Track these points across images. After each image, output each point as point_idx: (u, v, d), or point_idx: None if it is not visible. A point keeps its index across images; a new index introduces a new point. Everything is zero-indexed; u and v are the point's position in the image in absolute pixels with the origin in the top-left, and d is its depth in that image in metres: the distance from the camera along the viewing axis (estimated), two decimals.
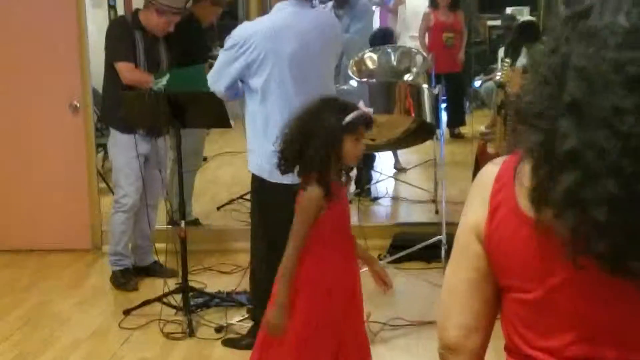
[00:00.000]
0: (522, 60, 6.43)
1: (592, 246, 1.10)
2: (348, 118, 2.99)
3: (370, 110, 3.14)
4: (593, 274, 1.13)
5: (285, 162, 3.10)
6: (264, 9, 11.42)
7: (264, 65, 3.79)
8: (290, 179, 3.60)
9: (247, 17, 11.82)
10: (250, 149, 3.99)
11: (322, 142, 2.96)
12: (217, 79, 3.93)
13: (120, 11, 8.57)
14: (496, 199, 1.27)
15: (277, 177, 3.67)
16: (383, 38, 6.74)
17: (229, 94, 3.99)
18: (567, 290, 1.20)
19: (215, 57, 5.91)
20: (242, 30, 3.88)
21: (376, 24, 14.15)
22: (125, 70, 4.86)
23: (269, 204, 3.91)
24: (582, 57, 1.10)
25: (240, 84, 3.93)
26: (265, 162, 3.77)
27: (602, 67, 1.08)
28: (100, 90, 5.41)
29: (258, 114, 3.88)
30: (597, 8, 1.12)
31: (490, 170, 1.31)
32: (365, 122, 3.09)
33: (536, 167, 1.16)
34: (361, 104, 3.13)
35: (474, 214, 1.31)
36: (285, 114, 3.61)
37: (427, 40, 8.43)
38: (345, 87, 5.17)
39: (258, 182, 3.96)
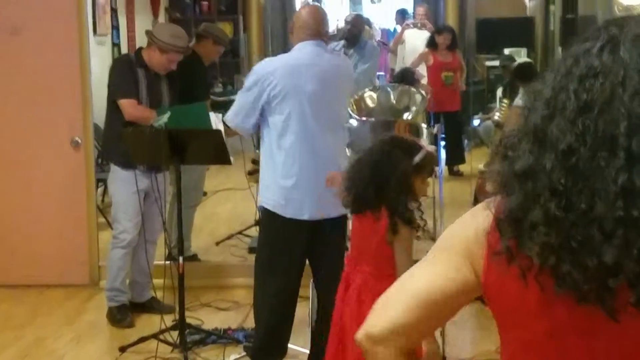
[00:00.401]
0: (519, 101, 6.46)
1: (555, 269, 1.12)
2: (417, 158, 3.04)
3: (433, 148, 3.20)
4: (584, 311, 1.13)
5: (359, 203, 3.12)
6: (265, 48, 11.51)
7: (285, 102, 3.83)
8: (307, 214, 3.65)
9: (249, 56, 11.93)
10: (265, 185, 3.98)
11: (398, 184, 3.00)
12: (242, 116, 3.96)
13: (124, 49, 8.66)
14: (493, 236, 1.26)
15: (292, 213, 3.69)
16: (409, 78, 6.86)
17: (254, 130, 4.02)
18: (566, 329, 1.18)
19: (216, 95, 5.98)
20: (264, 67, 3.94)
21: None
22: (128, 106, 4.87)
23: (281, 239, 3.91)
24: (550, 88, 1.15)
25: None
26: (281, 197, 3.79)
27: (562, 95, 1.13)
28: (102, 126, 5.42)
29: (276, 149, 3.90)
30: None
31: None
32: (432, 161, 3.15)
33: (496, 193, 1.20)
34: (423, 142, 3.17)
35: (468, 239, 1.29)
36: (305, 151, 3.66)
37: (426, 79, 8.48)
38: (346, 124, 5.18)
39: (270, 218, 3.96)
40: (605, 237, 1.06)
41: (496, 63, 10.19)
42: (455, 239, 1.33)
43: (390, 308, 1.33)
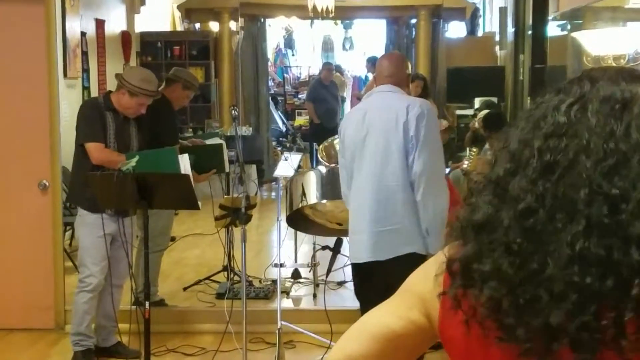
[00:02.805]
0: (487, 150, 6.58)
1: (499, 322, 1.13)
2: None
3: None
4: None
5: None
6: (236, 94, 11.60)
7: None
8: None
9: (220, 101, 12.04)
10: None
11: None
12: None
13: (94, 92, 8.71)
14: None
15: None
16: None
17: None
18: None
19: (185, 139, 6.04)
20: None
21: (347, 109, 14.42)
22: (95, 150, 4.90)
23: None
24: (516, 140, 1.17)
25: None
26: None
27: (527, 151, 1.14)
28: (70, 169, 5.44)
29: None
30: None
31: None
32: None
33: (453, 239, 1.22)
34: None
35: (425, 285, 1.32)
36: None
37: None
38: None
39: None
40: (553, 299, 1.07)
41: (466, 112, 10.35)
42: (415, 284, 1.37)
43: (347, 340, 1.38)
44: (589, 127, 1.10)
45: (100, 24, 9.34)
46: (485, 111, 8.42)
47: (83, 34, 8.54)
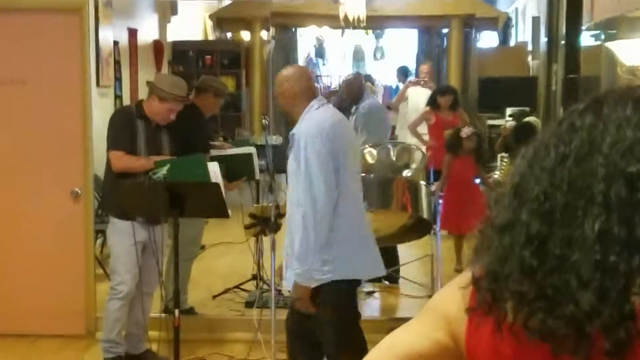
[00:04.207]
0: None
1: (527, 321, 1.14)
2: None
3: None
4: None
5: None
6: (266, 103, 11.65)
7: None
8: None
9: (250, 110, 12.06)
10: None
11: None
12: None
13: (126, 101, 8.79)
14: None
15: None
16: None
17: None
18: None
19: (215, 148, 6.08)
20: (315, 126, 3.89)
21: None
22: (113, 158, 4.96)
23: None
24: (532, 148, 1.21)
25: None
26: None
27: (542, 151, 1.18)
28: (102, 177, 5.50)
29: None
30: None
31: None
32: None
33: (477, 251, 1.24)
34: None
35: (450, 305, 1.33)
36: None
37: (428, 136, 8.58)
38: None
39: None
40: (581, 284, 1.09)
41: (497, 122, 10.30)
42: (439, 304, 1.38)
43: None
44: (604, 118, 1.15)
45: (132, 33, 9.43)
46: (515, 123, 8.39)
47: (116, 43, 8.62)
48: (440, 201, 6.25)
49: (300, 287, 3.82)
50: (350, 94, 7.31)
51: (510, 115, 9.65)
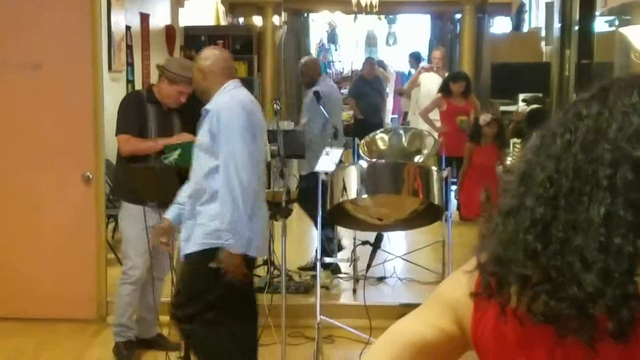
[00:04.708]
0: None
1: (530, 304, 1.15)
2: None
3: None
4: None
5: None
6: (277, 88, 11.64)
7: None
8: None
9: (262, 95, 12.05)
10: None
11: None
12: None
13: (138, 86, 8.80)
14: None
15: None
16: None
17: None
18: None
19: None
20: (238, 104, 4.07)
21: (390, 105, 14.39)
22: (121, 142, 4.98)
23: None
24: (540, 136, 1.23)
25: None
26: None
27: (548, 138, 1.20)
28: (114, 161, 5.51)
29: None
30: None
31: None
32: None
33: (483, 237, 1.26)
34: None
35: (457, 293, 1.34)
36: None
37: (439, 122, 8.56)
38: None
39: None
40: (585, 265, 1.10)
41: (510, 108, 10.26)
42: (445, 292, 1.38)
43: (377, 353, 1.40)
44: (610, 105, 1.17)
45: (144, 18, 9.43)
46: (530, 107, 8.35)
47: (128, 27, 8.62)
48: (453, 188, 6.24)
49: (233, 255, 3.94)
50: (306, 77, 7.28)
51: (523, 100, 9.61)
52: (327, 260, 5.68)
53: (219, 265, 3.96)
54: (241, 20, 13.06)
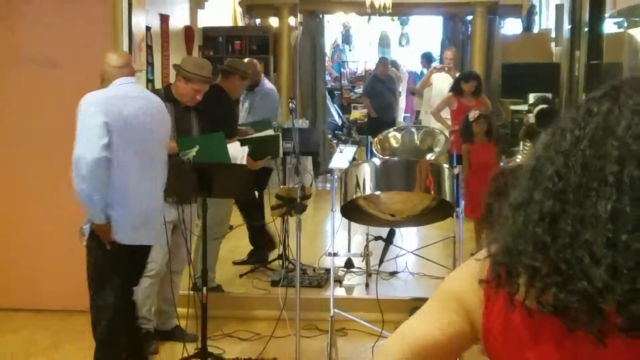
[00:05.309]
0: None
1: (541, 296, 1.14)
2: None
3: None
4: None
5: None
6: (292, 88, 11.65)
7: None
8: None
9: (278, 94, 12.06)
10: None
11: None
12: None
13: (158, 85, 8.80)
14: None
15: None
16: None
17: None
18: None
19: (240, 133, 6.09)
20: (94, 95, 4.36)
21: (403, 104, 14.36)
22: None
23: None
24: (550, 132, 1.23)
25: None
26: None
27: (557, 136, 1.20)
28: None
29: None
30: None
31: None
32: None
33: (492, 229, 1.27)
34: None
35: (464, 288, 1.33)
36: None
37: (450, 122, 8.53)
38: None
39: None
40: (593, 260, 1.09)
41: (520, 107, 10.22)
42: (450, 287, 1.37)
43: (386, 357, 1.39)
44: (620, 104, 1.16)
45: (164, 19, 9.43)
46: (540, 106, 8.30)
47: (148, 28, 8.63)
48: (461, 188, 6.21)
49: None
50: (253, 79, 7.35)
51: (531, 105, 9.57)
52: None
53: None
54: (258, 21, 13.05)
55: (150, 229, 4.42)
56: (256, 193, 4.76)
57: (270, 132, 6.17)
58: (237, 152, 4.90)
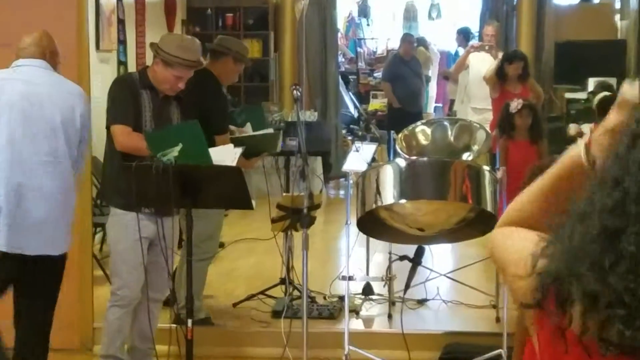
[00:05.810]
0: None
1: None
2: None
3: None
4: None
5: None
6: (298, 72, 11.64)
7: None
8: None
9: (280, 79, 12.08)
10: None
11: None
12: None
13: (132, 68, 8.81)
14: None
15: None
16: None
17: None
18: None
19: (238, 126, 6.07)
20: None
21: (433, 91, 14.37)
22: (119, 134, 4.91)
23: None
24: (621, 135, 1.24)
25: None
26: None
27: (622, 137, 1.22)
28: (101, 159, 5.50)
29: None
30: None
31: None
32: None
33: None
34: None
35: None
36: None
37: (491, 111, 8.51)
38: None
39: None
40: None
41: (578, 95, 10.19)
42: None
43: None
44: None
45: None
46: (602, 94, 8.26)
47: None
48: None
49: None
50: None
51: (590, 92, 9.55)
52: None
53: None
54: None
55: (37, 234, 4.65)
56: (253, 202, 4.71)
57: (269, 130, 6.14)
58: (227, 155, 4.84)
